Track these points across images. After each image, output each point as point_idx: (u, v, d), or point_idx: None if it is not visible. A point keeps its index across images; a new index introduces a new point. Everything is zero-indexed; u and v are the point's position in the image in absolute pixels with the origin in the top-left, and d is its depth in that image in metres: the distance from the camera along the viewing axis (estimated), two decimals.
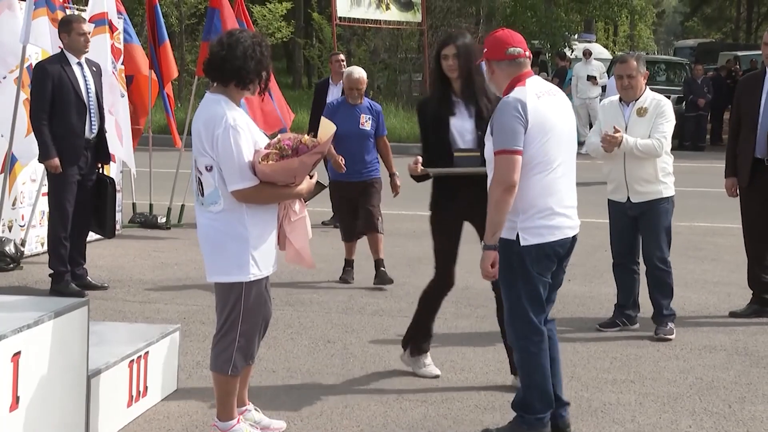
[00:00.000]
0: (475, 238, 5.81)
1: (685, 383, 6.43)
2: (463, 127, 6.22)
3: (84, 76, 8.42)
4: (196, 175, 5.00)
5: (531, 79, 5.15)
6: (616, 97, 7.56)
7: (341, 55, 12.64)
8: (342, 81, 9.55)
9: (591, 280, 9.41)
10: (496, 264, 5.08)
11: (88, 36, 8.53)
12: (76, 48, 8.39)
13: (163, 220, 12.00)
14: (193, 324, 7.56)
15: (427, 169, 6.24)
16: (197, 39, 27.82)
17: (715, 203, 14.74)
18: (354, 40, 30.21)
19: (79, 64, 8.43)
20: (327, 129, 5.11)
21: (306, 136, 5.05)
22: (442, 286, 6.43)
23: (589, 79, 22.88)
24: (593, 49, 26.86)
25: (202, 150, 4.92)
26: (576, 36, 31.34)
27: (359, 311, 8.14)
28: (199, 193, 5.02)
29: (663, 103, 7.39)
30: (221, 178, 4.91)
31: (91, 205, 8.56)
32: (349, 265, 9.36)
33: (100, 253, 9.99)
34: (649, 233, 7.49)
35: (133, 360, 5.53)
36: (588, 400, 6.03)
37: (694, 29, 60.16)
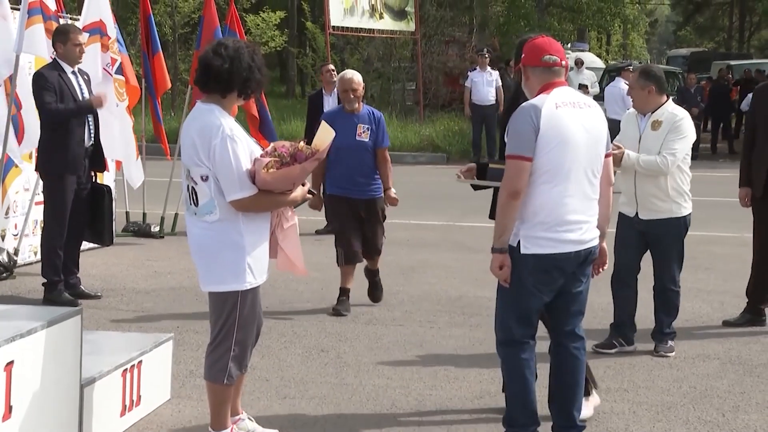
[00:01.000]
0: (466, 248, 5.80)
1: (679, 392, 6.44)
2: None
3: (79, 85, 8.45)
4: (189, 185, 4.98)
5: (560, 89, 5.09)
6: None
7: (331, 65, 12.62)
8: (335, 90, 9.06)
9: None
10: (506, 267, 5.04)
11: (83, 47, 8.54)
12: (70, 58, 8.40)
13: (157, 228, 11.99)
14: (186, 333, 7.55)
15: (468, 180, 6.07)
16: (191, 48, 27.82)
17: (708, 212, 14.76)
18: (347, 49, 30.25)
19: (73, 72, 8.45)
20: (325, 134, 5.11)
21: (302, 143, 5.05)
22: None
23: (580, 88, 22.93)
24: (585, 58, 26.94)
25: (197, 160, 4.91)
26: (569, 45, 31.42)
27: (353, 320, 8.14)
28: (191, 203, 5.00)
29: (679, 118, 7.07)
30: (217, 187, 4.90)
31: (86, 214, 8.56)
32: (344, 294, 8.43)
33: (94, 262, 9.98)
34: (659, 254, 7.25)
35: (126, 369, 5.52)
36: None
37: (686, 38, 60.31)
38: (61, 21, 9.78)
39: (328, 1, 24.25)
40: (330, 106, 11.32)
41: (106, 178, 10.17)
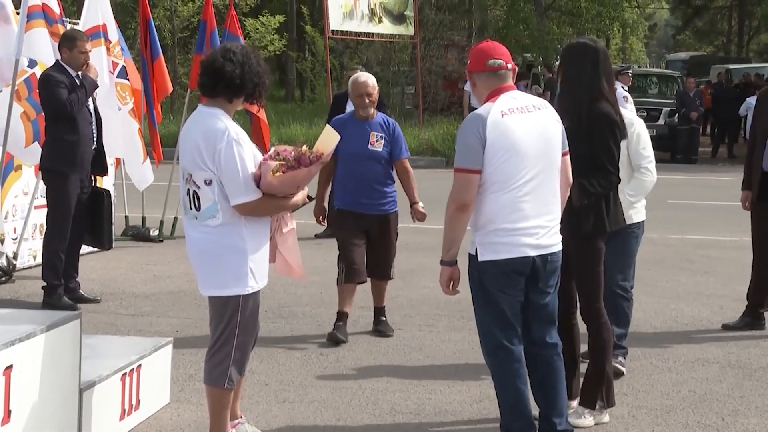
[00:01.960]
0: (465, 252, 5.73)
1: (678, 396, 6.44)
2: None
3: (84, 88, 8.45)
4: (191, 189, 4.96)
5: (506, 94, 5.03)
6: None
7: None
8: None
9: None
10: (455, 280, 5.08)
11: (89, 55, 8.55)
12: (74, 64, 8.40)
13: (156, 232, 11.99)
14: (185, 337, 7.54)
15: None
16: (190, 52, 27.86)
17: (707, 216, 14.79)
18: (347, 53, 30.30)
19: (77, 76, 8.45)
20: (330, 138, 5.11)
21: (304, 146, 5.05)
22: None
23: None
24: None
25: (201, 164, 4.89)
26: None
27: (352, 324, 8.11)
28: (192, 207, 4.99)
29: (635, 126, 6.54)
30: (221, 191, 4.90)
31: (86, 218, 8.56)
32: (341, 319, 7.62)
33: (93, 266, 9.97)
34: (613, 258, 6.62)
35: (125, 373, 5.52)
36: None
37: (686, 42, 60.32)
38: (63, 26, 9.81)
39: (327, 5, 24.28)
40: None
41: (106, 182, 10.17)
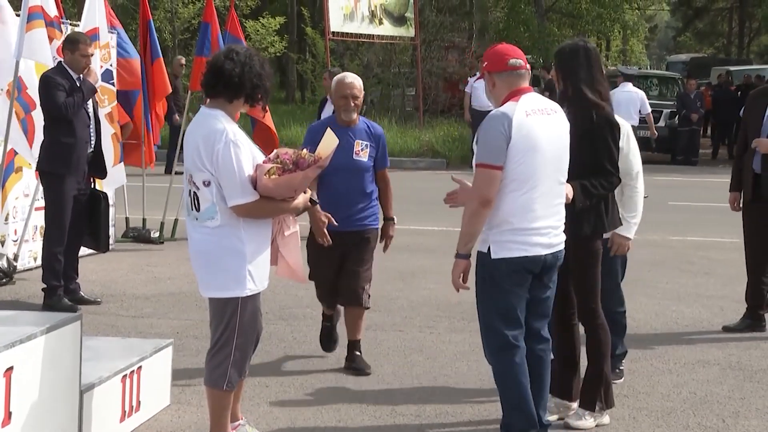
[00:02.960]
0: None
1: (679, 398, 6.43)
2: None
3: (82, 92, 8.44)
4: (191, 190, 4.97)
5: (527, 95, 5.13)
6: None
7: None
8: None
9: None
10: (466, 273, 5.14)
11: (90, 59, 8.55)
12: (75, 67, 8.40)
13: (156, 234, 11.98)
14: (186, 338, 7.54)
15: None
16: (190, 54, 27.85)
17: (707, 217, 14.78)
18: (347, 55, 30.27)
19: (78, 78, 8.45)
20: (329, 142, 5.11)
21: (304, 150, 5.05)
22: None
23: None
24: None
25: (200, 165, 4.90)
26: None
27: None
28: (193, 208, 4.99)
29: (624, 128, 6.02)
30: (219, 193, 4.90)
31: (85, 220, 8.56)
32: (328, 320, 7.22)
33: (93, 268, 9.97)
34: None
35: (126, 375, 5.52)
36: None
37: (686, 44, 60.32)
38: (64, 27, 9.81)
39: (327, 6, 24.28)
40: (328, 112, 10.70)
41: (105, 184, 10.15)
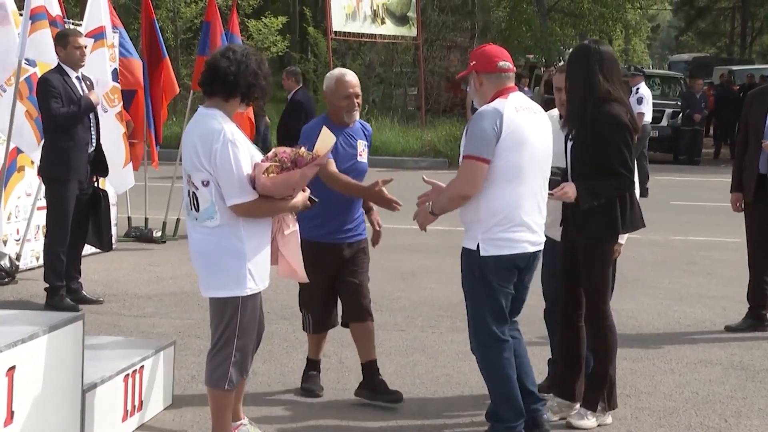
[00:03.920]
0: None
1: (681, 397, 6.43)
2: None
3: (83, 90, 8.45)
4: (190, 190, 4.97)
5: (514, 93, 5.27)
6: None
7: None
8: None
9: None
10: (425, 222, 5.38)
11: (84, 50, 8.55)
12: (72, 61, 8.41)
13: (159, 233, 11.99)
14: (188, 338, 7.55)
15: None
16: (192, 53, 27.85)
17: (710, 217, 14.78)
18: (349, 54, 30.28)
19: (77, 78, 8.45)
20: (326, 140, 5.11)
21: (303, 148, 5.05)
22: None
23: None
24: None
25: (199, 165, 4.90)
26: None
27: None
28: (192, 208, 4.99)
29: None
30: (218, 192, 4.90)
31: (87, 219, 8.57)
32: (314, 367, 6.41)
33: (95, 268, 9.97)
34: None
35: (128, 374, 5.52)
36: None
37: (688, 44, 60.28)
38: (66, 26, 9.81)
39: (330, 6, 24.30)
40: None
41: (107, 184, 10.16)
